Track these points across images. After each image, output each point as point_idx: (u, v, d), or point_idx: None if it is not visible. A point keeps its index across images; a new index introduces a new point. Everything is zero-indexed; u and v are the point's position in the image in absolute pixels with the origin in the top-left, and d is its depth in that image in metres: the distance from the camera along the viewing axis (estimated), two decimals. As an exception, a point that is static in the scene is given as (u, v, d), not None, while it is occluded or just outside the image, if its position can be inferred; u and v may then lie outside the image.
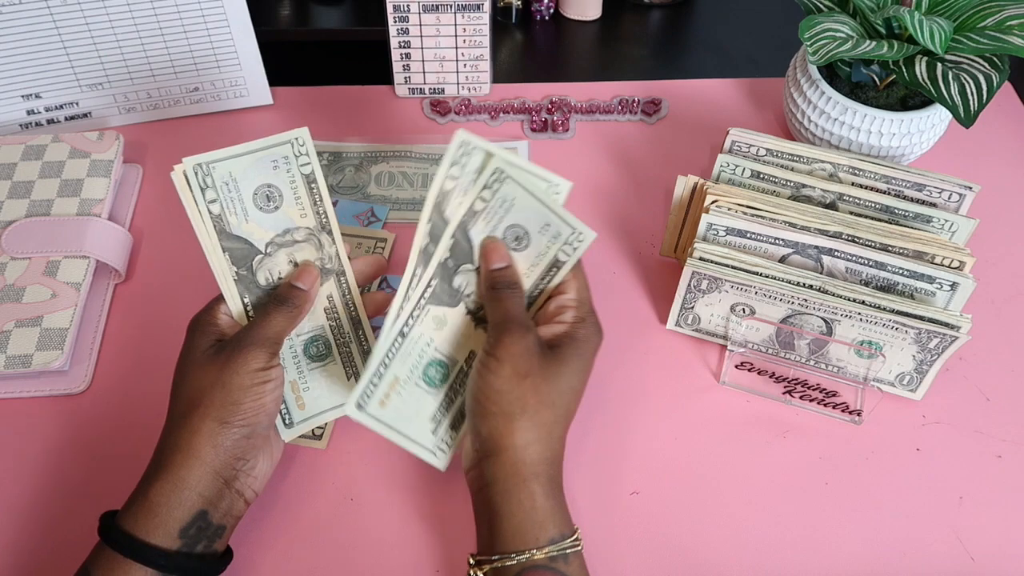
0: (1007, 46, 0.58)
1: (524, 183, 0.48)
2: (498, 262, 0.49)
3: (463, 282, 0.50)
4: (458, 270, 0.49)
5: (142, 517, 0.44)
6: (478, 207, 0.48)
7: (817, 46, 0.61)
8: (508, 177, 0.47)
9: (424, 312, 0.49)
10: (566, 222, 0.48)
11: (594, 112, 0.77)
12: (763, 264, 0.56)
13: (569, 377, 0.47)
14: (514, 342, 0.46)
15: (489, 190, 0.48)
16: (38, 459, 0.56)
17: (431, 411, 0.50)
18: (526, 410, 0.45)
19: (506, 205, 0.48)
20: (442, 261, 0.48)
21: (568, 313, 0.49)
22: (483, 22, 0.74)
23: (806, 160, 0.61)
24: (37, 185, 0.65)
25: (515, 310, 0.48)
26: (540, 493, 0.45)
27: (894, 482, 0.56)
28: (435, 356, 0.50)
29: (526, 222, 0.49)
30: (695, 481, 0.55)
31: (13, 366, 0.57)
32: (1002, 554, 0.53)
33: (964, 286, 0.54)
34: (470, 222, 0.48)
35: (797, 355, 0.59)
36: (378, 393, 0.48)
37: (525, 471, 0.45)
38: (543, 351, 0.47)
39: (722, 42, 0.87)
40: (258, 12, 0.72)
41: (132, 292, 0.64)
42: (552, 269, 0.50)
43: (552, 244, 0.49)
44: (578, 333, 0.48)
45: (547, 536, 0.44)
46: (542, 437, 0.46)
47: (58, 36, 0.69)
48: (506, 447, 0.45)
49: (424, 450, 0.50)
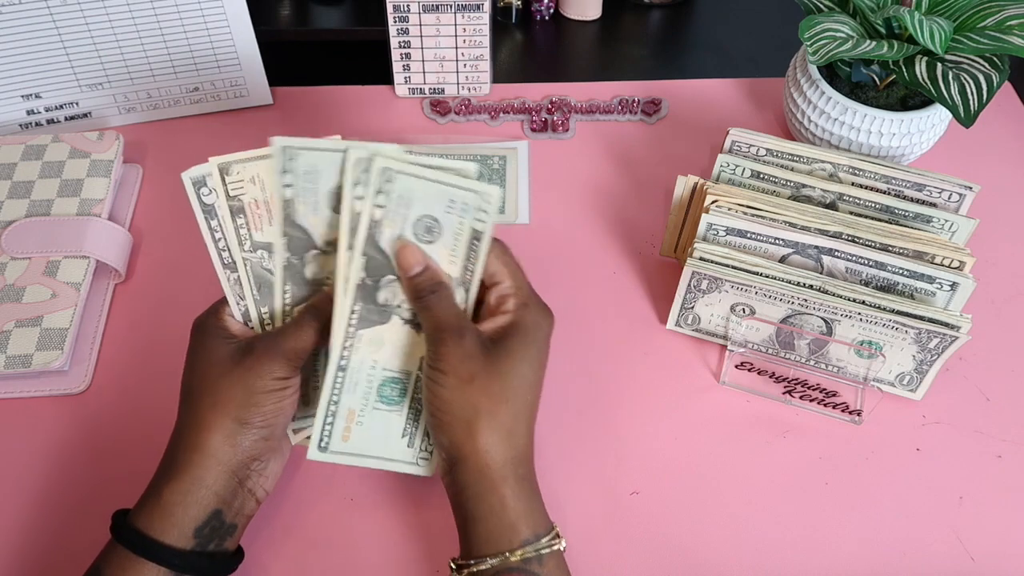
0: (1007, 46, 0.58)
1: (415, 172, 0.46)
2: (414, 266, 0.47)
3: (389, 295, 0.48)
4: (379, 285, 0.48)
5: (157, 517, 0.44)
6: (378, 215, 0.47)
7: (817, 46, 0.61)
8: (398, 172, 0.46)
9: (356, 339, 0.48)
10: (468, 190, 0.47)
11: (594, 112, 0.77)
12: (763, 264, 0.56)
13: (521, 369, 0.46)
14: (450, 350, 0.45)
15: (384, 194, 0.46)
16: (38, 459, 0.56)
17: (400, 427, 0.50)
18: (480, 414, 0.44)
19: (404, 200, 0.47)
20: (359, 283, 0.47)
21: (509, 302, 0.48)
22: (483, 22, 0.74)
23: (806, 160, 0.61)
24: (37, 185, 0.65)
25: (444, 315, 0.46)
26: (510, 495, 0.44)
27: (894, 482, 0.56)
28: (385, 375, 0.49)
29: (430, 209, 0.47)
30: (695, 481, 0.55)
31: (13, 366, 0.57)
32: (1002, 554, 0.53)
33: (964, 286, 0.54)
34: (376, 233, 0.47)
35: (797, 355, 0.59)
36: (337, 430, 0.49)
37: (492, 474, 0.44)
38: (486, 349, 0.45)
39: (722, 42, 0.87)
40: (258, 12, 0.72)
41: (132, 292, 0.64)
42: (474, 243, 0.48)
43: (464, 218, 0.47)
44: (524, 320, 0.47)
45: (520, 538, 0.44)
46: (503, 438, 0.45)
47: (58, 36, 0.69)
48: (468, 453, 0.45)
49: (405, 464, 0.50)
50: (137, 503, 0.45)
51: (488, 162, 0.73)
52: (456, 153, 0.73)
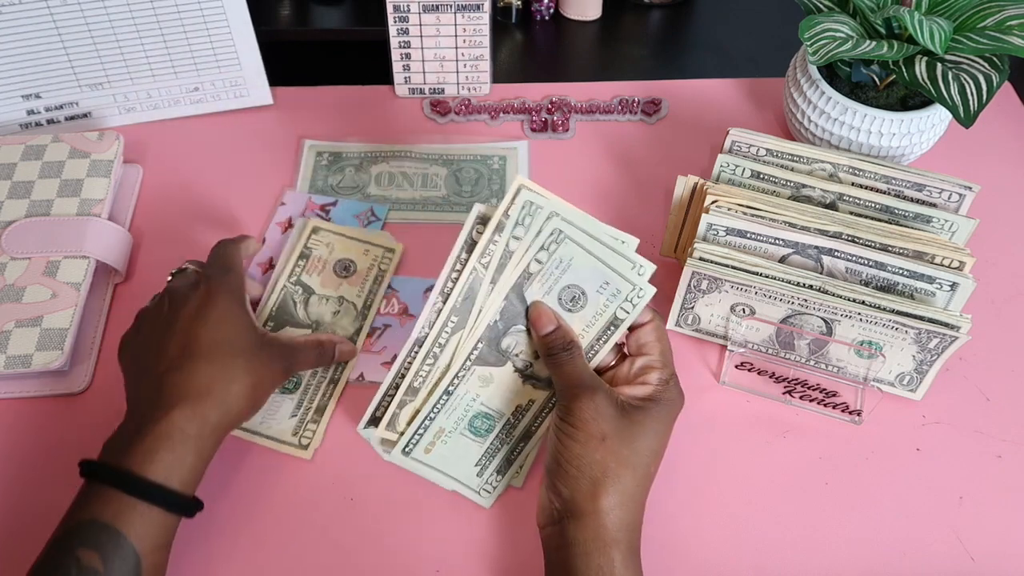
0: (1007, 46, 0.58)
1: (583, 243, 0.48)
2: (546, 326, 0.49)
3: (511, 342, 0.50)
4: (507, 332, 0.50)
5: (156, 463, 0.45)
6: (533, 269, 0.48)
7: (817, 46, 0.61)
8: (567, 238, 0.48)
9: (470, 372, 0.50)
10: (626, 279, 0.49)
11: (594, 112, 0.77)
12: (763, 264, 0.56)
13: (649, 439, 0.47)
14: (584, 406, 0.46)
15: (546, 251, 0.48)
16: (38, 459, 0.55)
17: (476, 457, 0.52)
18: (607, 474, 0.45)
19: (563, 266, 0.48)
20: (491, 323, 0.49)
21: (653, 375, 0.49)
22: (483, 22, 0.74)
23: (806, 160, 0.61)
24: (37, 185, 0.65)
25: (577, 372, 0.48)
26: (619, 561, 0.44)
27: (894, 482, 0.56)
28: (481, 409, 0.51)
29: (583, 282, 0.49)
30: (695, 481, 0.55)
31: (13, 366, 0.57)
32: (1002, 554, 0.53)
33: (964, 286, 0.54)
34: (525, 284, 0.49)
35: (797, 355, 0.59)
36: (423, 442, 0.51)
37: (607, 536, 0.45)
38: (620, 411, 0.46)
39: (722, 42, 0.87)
40: (258, 12, 0.72)
41: (132, 292, 0.64)
42: (610, 327, 0.50)
43: (611, 302, 0.49)
44: (663, 396, 0.48)
45: None
46: (624, 503, 0.45)
47: (58, 36, 0.69)
48: (589, 511, 0.45)
49: (469, 490, 0.53)
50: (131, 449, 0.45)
51: (488, 162, 0.73)
52: (456, 153, 0.73)
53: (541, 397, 0.52)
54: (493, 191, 0.71)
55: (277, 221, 0.68)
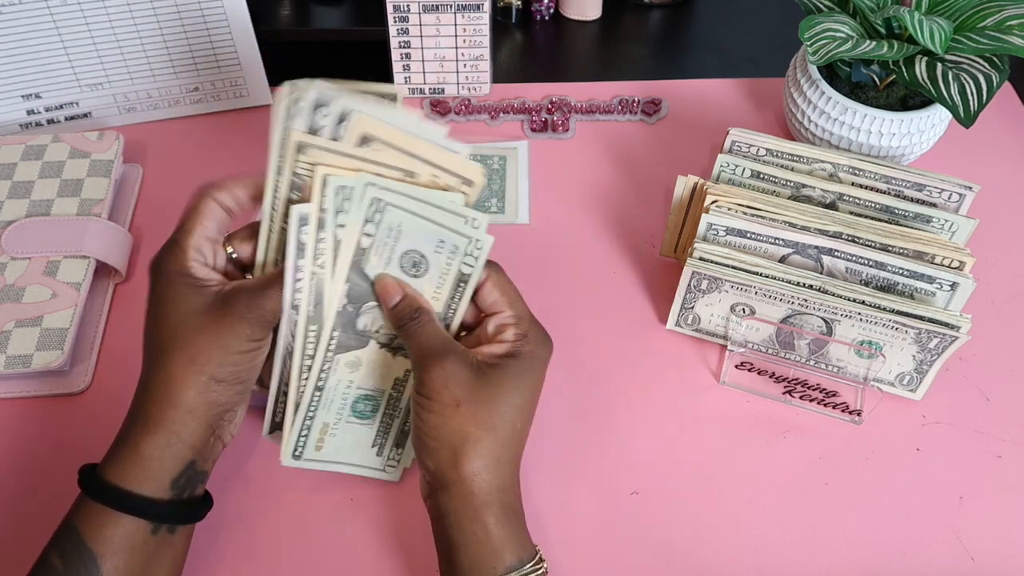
0: (1007, 46, 0.58)
1: (407, 207, 0.46)
2: (392, 298, 0.47)
3: (368, 321, 0.48)
4: (360, 312, 0.48)
5: (133, 471, 0.44)
6: (365, 243, 0.46)
7: (817, 46, 0.61)
8: (388, 205, 0.45)
9: (334, 363, 0.48)
10: (461, 234, 0.47)
11: (594, 112, 0.77)
12: (763, 264, 0.56)
13: (511, 397, 0.45)
14: (433, 376, 0.45)
15: (372, 224, 0.46)
16: (38, 459, 0.55)
17: (370, 438, 0.52)
18: (467, 440, 0.44)
19: (394, 233, 0.46)
20: (340, 309, 0.47)
21: (508, 332, 0.48)
22: (483, 22, 0.74)
23: (806, 160, 0.61)
24: (37, 185, 0.65)
25: (427, 340, 0.46)
26: (493, 522, 0.44)
27: (894, 482, 0.56)
28: (359, 393, 0.50)
29: (419, 245, 0.47)
30: (695, 481, 0.55)
31: (13, 366, 0.57)
32: (1002, 554, 0.53)
33: (964, 286, 0.54)
34: (362, 260, 0.47)
35: (797, 355, 0.59)
36: (311, 442, 0.50)
37: (476, 502, 0.44)
38: (474, 373, 0.45)
39: (722, 42, 0.87)
40: (258, 12, 0.72)
41: (132, 292, 0.64)
42: (459, 285, 0.48)
43: (452, 259, 0.47)
44: (522, 350, 0.47)
45: (504, 564, 0.44)
46: (489, 465, 0.45)
47: (58, 36, 0.69)
48: (453, 480, 0.44)
49: (373, 471, 0.53)
50: (107, 457, 0.45)
51: (488, 162, 0.73)
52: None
53: None
54: (493, 191, 0.71)
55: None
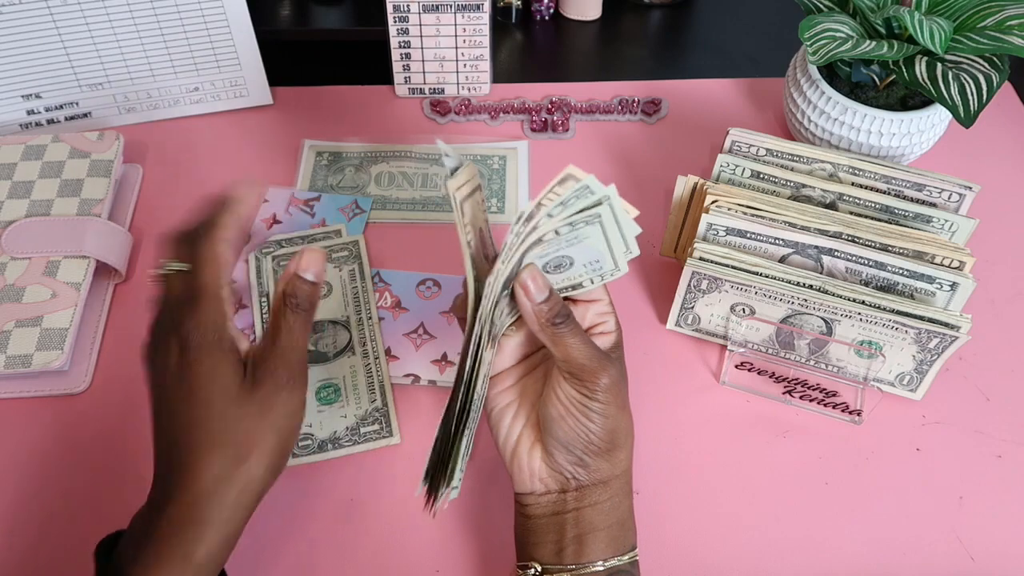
0: (1007, 46, 0.58)
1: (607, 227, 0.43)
2: (542, 292, 0.43)
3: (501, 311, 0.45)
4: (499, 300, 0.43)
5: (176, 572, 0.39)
6: (548, 237, 0.42)
7: (817, 46, 0.61)
8: (599, 220, 0.42)
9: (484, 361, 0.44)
10: (614, 259, 0.45)
11: (594, 112, 0.77)
12: (763, 264, 0.56)
13: (625, 388, 0.46)
14: (611, 382, 0.44)
15: (571, 226, 0.42)
16: (38, 459, 0.55)
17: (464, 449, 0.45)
18: (629, 436, 0.46)
19: (574, 239, 0.43)
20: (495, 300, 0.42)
21: (610, 321, 0.48)
22: (483, 22, 0.74)
23: (806, 160, 0.61)
24: (37, 185, 0.65)
25: (586, 343, 0.45)
26: (623, 498, 0.46)
27: (894, 482, 0.56)
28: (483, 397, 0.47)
29: (579, 255, 0.45)
30: (695, 481, 0.55)
31: (13, 366, 0.57)
32: (1002, 554, 0.53)
33: (964, 286, 0.54)
34: (530, 249, 0.42)
35: (797, 355, 0.59)
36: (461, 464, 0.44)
37: (628, 487, 0.46)
38: (622, 372, 0.46)
39: (722, 42, 0.87)
40: (258, 12, 0.72)
41: (132, 292, 0.64)
42: (570, 288, 0.47)
43: (586, 273, 0.46)
44: (620, 339, 0.48)
45: (630, 542, 0.46)
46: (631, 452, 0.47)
47: (58, 36, 0.69)
48: (619, 474, 0.45)
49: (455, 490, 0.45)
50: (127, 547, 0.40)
51: (488, 162, 0.73)
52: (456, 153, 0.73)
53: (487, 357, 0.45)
54: (493, 191, 0.71)
55: (262, 218, 0.68)
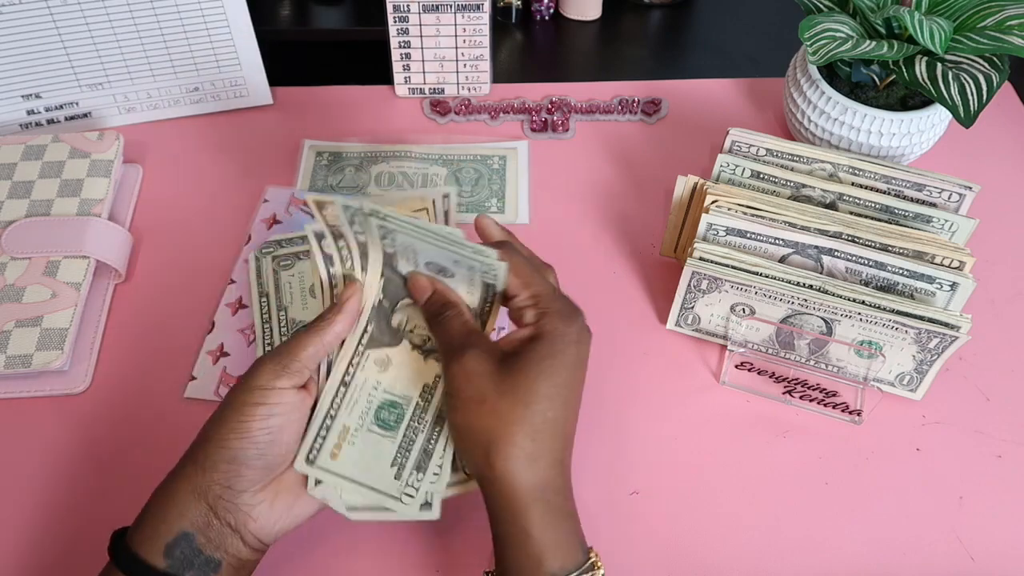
0: (1007, 46, 0.58)
1: (413, 235, 0.45)
2: (424, 293, 0.47)
3: (403, 318, 0.48)
4: (395, 308, 0.48)
5: (137, 528, 0.43)
6: (389, 250, 0.46)
7: (817, 46, 0.61)
8: (395, 231, 0.45)
9: (364, 358, 0.47)
10: (471, 258, 0.44)
11: (594, 112, 0.77)
12: (763, 264, 0.56)
13: (539, 386, 0.42)
14: (456, 369, 0.43)
15: (388, 240, 0.45)
16: (38, 459, 0.55)
17: (390, 455, 0.47)
18: (496, 439, 0.41)
19: (411, 249, 0.46)
20: (375, 303, 0.47)
21: (527, 313, 0.44)
22: (483, 22, 0.74)
23: (806, 160, 0.61)
24: (37, 185, 0.65)
25: (452, 333, 0.44)
26: (535, 525, 0.41)
27: (894, 482, 0.56)
28: (385, 398, 0.47)
29: (437, 259, 0.46)
30: (695, 481, 0.55)
31: (13, 366, 0.57)
32: (1002, 554, 0.53)
33: (964, 286, 0.54)
34: (393, 260, 0.47)
35: (797, 355, 0.59)
36: (327, 446, 0.46)
37: (514, 504, 0.41)
38: (497, 366, 0.42)
39: (722, 42, 0.87)
40: (258, 12, 0.72)
41: (132, 292, 0.64)
42: (490, 291, 0.47)
43: (473, 275, 0.46)
44: (543, 330, 0.43)
45: (547, 571, 0.41)
46: (524, 463, 0.41)
47: (58, 36, 0.69)
48: (489, 479, 0.42)
49: (389, 498, 0.46)
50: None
51: (488, 162, 0.73)
52: (456, 153, 0.73)
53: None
54: (493, 191, 0.71)
55: (262, 218, 0.68)
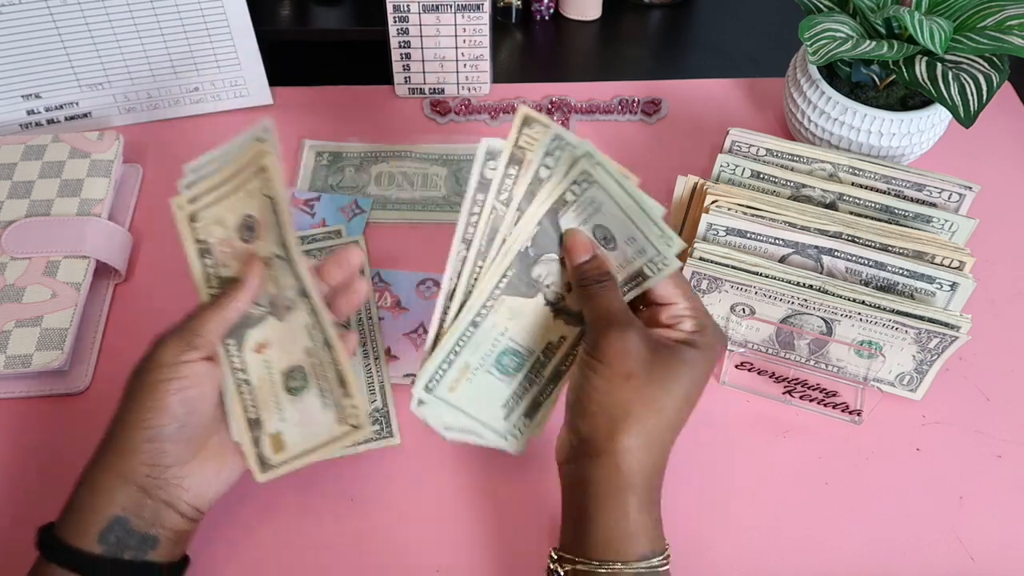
0: (1007, 46, 0.58)
1: (613, 193, 0.45)
2: (582, 254, 0.46)
3: (543, 272, 0.47)
4: (538, 260, 0.47)
5: (66, 519, 0.43)
6: (569, 198, 0.46)
7: (817, 46, 0.61)
8: (596, 183, 0.45)
9: (499, 303, 0.47)
10: (652, 243, 0.45)
11: (594, 112, 0.77)
12: (763, 264, 0.56)
13: (682, 384, 0.43)
14: (615, 341, 0.43)
15: (578, 186, 0.45)
16: (38, 459, 0.55)
17: (504, 398, 0.49)
18: (630, 414, 0.42)
19: (594, 205, 0.46)
20: (522, 250, 0.46)
21: (687, 323, 0.46)
22: (483, 22, 0.74)
23: (806, 160, 0.61)
24: (37, 185, 0.65)
25: (612, 305, 0.45)
26: (635, 505, 0.42)
27: (894, 482, 0.56)
28: (509, 345, 0.48)
29: (613, 228, 0.46)
30: (695, 481, 0.55)
31: (13, 366, 0.57)
32: (1002, 554, 0.53)
33: (964, 286, 0.54)
34: (560, 210, 0.46)
35: (797, 355, 0.59)
36: (447, 379, 0.47)
37: (622, 480, 0.42)
38: (651, 351, 0.43)
39: (722, 42, 0.87)
40: (258, 12, 0.72)
41: (132, 292, 0.64)
42: (636, 279, 0.47)
43: (637, 257, 0.47)
44: (699, 341, 0.45)
45: (636, 551, 0.42)
46: (645, 444, 0.43)
47: (58, 36, 0.69)
48: (606, 450, 0.42)
49: (495, 434, 0.49)
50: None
51: (488, 162, 0.73)
52: (456, 153, 0.73)
53: (573, 334, 0.49)
54: (493, 191, 0.71)
55: None
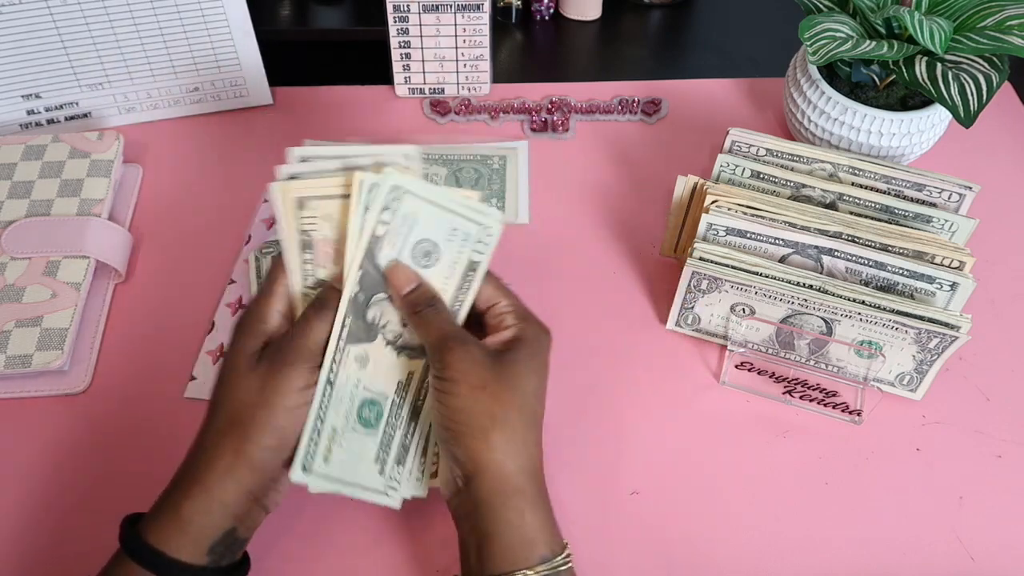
0: (1007, 46, 0.58)
1: (423, 193, 0.46)
2: (406, 285, 0.47)
3: (377, 313, 0.48)
4: (370, 303, 0.48)
5: (173, 533, 0.43)
6: (380, 231, 0.47)
7: (817, 46, 0.61)
8: (406, 191, 0.46)
9: (345, 354, 0.47)
10: (471, 219, 0.47)
11: (594, 112, 0.77)
12: (763, 264, 0.56)
13: (528, 378, 0.46)
14: (460, 357, 0.45)
15: (389, 211, 0.46)
16: (38, 459, 0.55)
17: (373, 453, 0.49)
18: (495, 421, 0.44)
19: (408, 221, 0.47)
20: (352, 296, 0.47)
21: (508, 318, 0.48)
22: (483, 22, 0.74)
23: (806, 160, 0.61)
24: (37, 185, 0.65)
25: (446, 326, 0.47)
26: (527, 508, 0.44)
27: (894, 482, 0.56)
28: (365, 396, 0.48)
29: (432, 233, 0.48)
30: (695, 481, 0.55)
31: (13, 366, 0.57)
32: (1002, 554, 0.53)
33: (964, 286, 0.54)
34: (376, 248, 0.47)
35: (797, 355, 0.59)
36: (320, 450, 0.47)
37: (508, 486, 0.44)
38: (494, 358, 0.45)
39: (722, 42, 0.87)
40: (258, 12, 0.72)
41: (132, 292, 0.64)
42: (469, 273, 0.49)
43: (464, 247, 0.48)
44: (526, 333, 0.47)
45: (537, 554, 0.43)
46: (518, 446, 0.44)
47: (58, 36, 0.69)
48: (485, 464, 0.44)
49: (375, 493, 0.49)
50: (151, 514, 0.44)
51: (488, 162, 0.73)
52: (456, 153, 0.73)
53: (419, 368, 0.49)
54: (493, 191, 0.71)
55: (262, 218, 0.68)
